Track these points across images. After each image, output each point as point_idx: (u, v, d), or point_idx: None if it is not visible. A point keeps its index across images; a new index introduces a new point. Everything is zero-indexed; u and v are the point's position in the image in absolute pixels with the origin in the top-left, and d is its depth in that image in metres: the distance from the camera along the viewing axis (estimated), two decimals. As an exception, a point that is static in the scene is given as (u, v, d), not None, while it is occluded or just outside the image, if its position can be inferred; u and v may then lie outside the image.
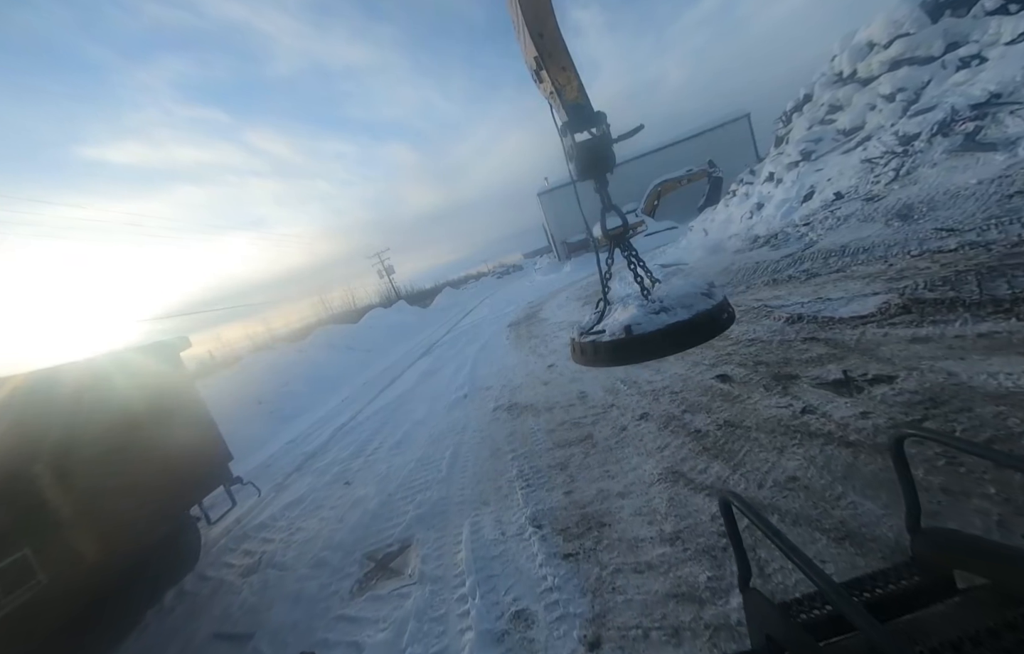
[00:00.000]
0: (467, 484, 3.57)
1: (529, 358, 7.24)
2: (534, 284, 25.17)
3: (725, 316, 1.77)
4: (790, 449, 2.64)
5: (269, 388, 11.68)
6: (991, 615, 0.53)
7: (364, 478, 4.47)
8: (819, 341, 4.01)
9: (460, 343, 11.79)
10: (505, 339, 9.92)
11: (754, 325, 5.02)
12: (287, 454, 6.64)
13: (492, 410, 5.21)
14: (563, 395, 4.90)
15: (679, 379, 4.23)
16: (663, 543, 2.25)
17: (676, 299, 1.76)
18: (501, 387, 6.07)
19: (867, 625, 0.43)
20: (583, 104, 1.85)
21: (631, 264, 2.07)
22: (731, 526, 0.72)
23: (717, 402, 3.54)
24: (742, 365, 4.07)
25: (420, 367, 10.16)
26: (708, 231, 13.56)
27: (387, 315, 23.64)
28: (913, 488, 0.69)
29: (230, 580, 3.33)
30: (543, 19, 1.63)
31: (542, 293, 18.20)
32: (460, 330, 15.13)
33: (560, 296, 14.91)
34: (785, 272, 6.81)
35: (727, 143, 29.54)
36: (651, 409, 3.80)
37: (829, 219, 8.31)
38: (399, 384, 9.02)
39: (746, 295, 6.42)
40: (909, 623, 0.61)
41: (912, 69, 9.73)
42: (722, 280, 7.92)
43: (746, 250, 9.43)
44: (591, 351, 1.86)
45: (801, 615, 0.66)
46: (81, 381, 3.00)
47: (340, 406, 9.11)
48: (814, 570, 0.50)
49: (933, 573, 0.66)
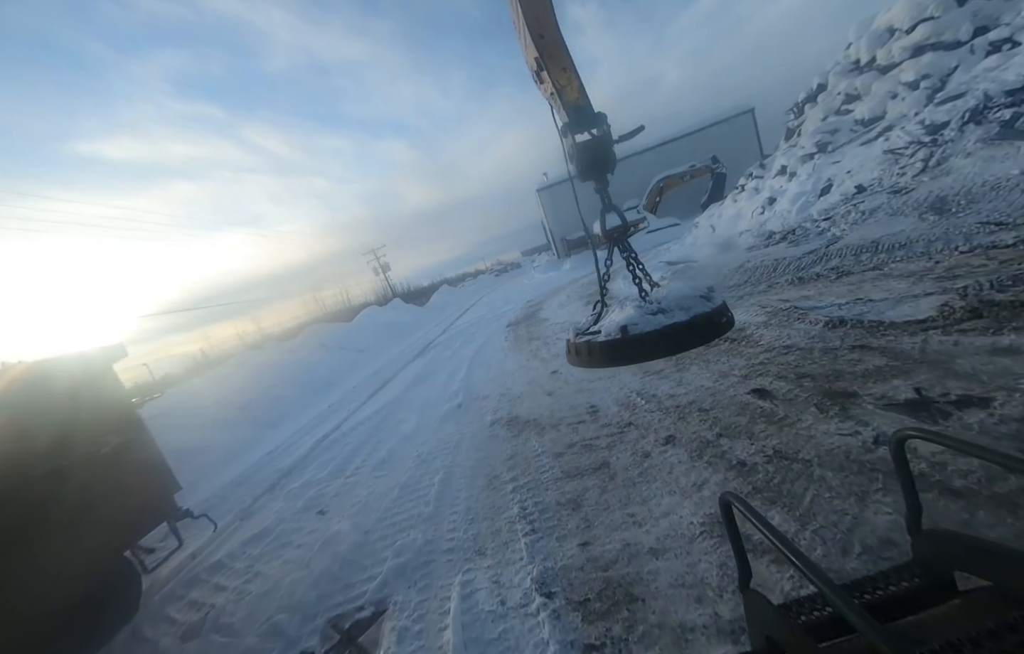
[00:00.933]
0: (458, 523, 2.96)
1: (530, 363, 6.63)
2: (533, 282, 24.56)
3: (724, 320, 1.70)
4: (873, 497, 2.04)
5: (254, 391, 11.04)
6: (992, 617, 0.51)
7: (340, 507, 3.85)
8: (872, 350, 3.42)
9: (456, 344, 11.18)
10: (503, 340, 9.31)
11: (786, 329, 4.42)
12: (262, 469, 6.01)
13: (489, 424, 4.60)
14: (570, 409, 4.29)
15: (707, 393, 3.63)
16: (722, 638, 1.65)
17: (674, 301, 1.70)
18: (499, 396, 5.46)
19: (867, 627, 0.43)
20: (584, 105, 1.80)
21: (629, 265, 2.02)
22: (731, 527, 0.73)
23: (759, 425, 2.95)
24: (782, 378, 3.48)
25: (413, 370, 9.54)
26: (716, 227, 12.97)
27: (382, 314, 22.99)
28: (914, 489, 0.68)
29: (166, 646, 2.71)
30: (544, 20, 1.58)
31: (541, 291, 17.60)
32: (456, 330, 14.51)
33: (561, 295, 14.31)
34: (810, 270, 6.22)
35: (730, 139, 28.91)
36: (678, 431, 3.20)
37: (852, 213, 7.73)
38: (389, 389, 8.41)
39: (770, 295, 5.83)
40: (910, 625, 0.60)
41: (937, 55, 9.15)
42: (738, 278, 7.34)
43: (761, 246, 8.84)
44: (586, 352, 1.81)
45: (801, 616, 0.66)
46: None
47: (326, 412, 8.48)
48: (815, 572, 0.50)
49: (934, 575, 0.66)
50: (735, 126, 29.91)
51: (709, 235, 12.88)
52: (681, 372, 4.26)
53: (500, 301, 19.52)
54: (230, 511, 4.68)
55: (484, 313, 16.85)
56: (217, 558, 3.62)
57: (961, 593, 0.63)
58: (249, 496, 4.98)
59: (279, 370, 13.22)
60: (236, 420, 9.22)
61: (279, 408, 9.72)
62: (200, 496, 5.75)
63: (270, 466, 6.03)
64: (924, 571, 0.67)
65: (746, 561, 0.74)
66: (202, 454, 7.63)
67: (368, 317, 22.12)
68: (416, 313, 26.00)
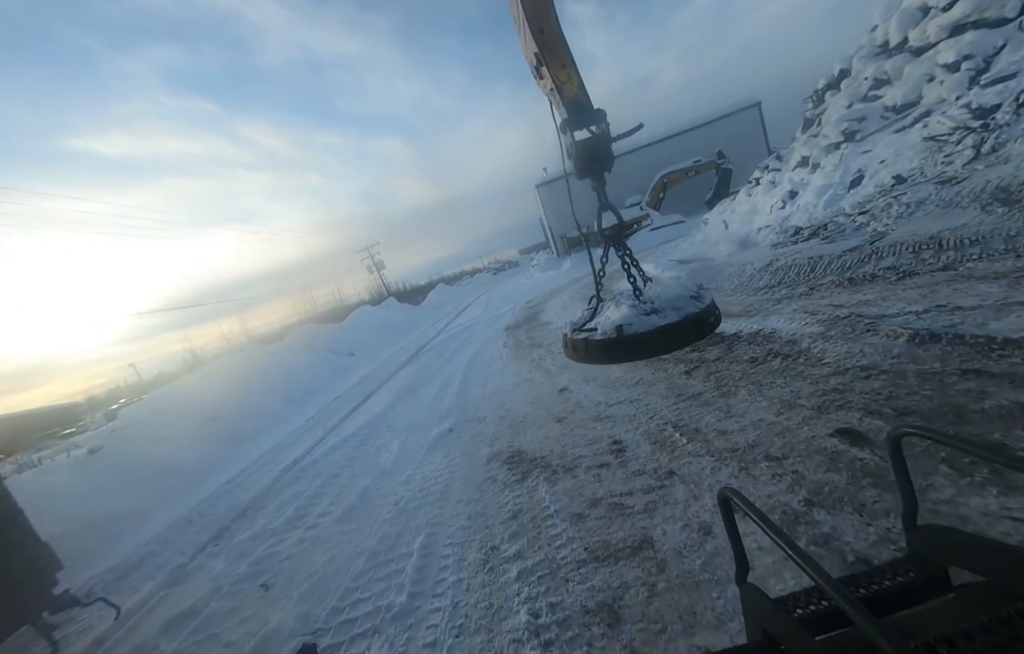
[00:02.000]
0: (441, 633, 2.08)
1: (533, 375, 5.76)
2: (532, 281, 23.67)
3: (712, 319, 1.71)
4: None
5: (229, 400, 10.10)
6: (986, 611, 0.51)
7: (290, 580, 2.95)
8: (996, 377, 2.56)
9: (450, 349, 10.29)
10: (502, 346, 8.43)
11: (855, 344, 3.55)
12: (216, 504, 5.11)
13: (486, 461, 3.72)
14: (588, 443, 3.42)
15: (771, 432, 2.76)
16: None
17: (667, 301, 1.72)
18: (499, 420, 4.58)
19: (862, 619, 0.43)
20: (583, 101, 1.77)
21: (625, 264, 1.96)
22: (729, 521, 0.72)
23: (867, 489, 2.08)
24: (873, 413, 2.61)
25: (402, 379, 8.64)
26: (729, 224, 12.13)
27: (375, 313, 22.04)
28: (910, 485, 0.69)
29: None
30: (544, 17, 1.56)
31: (541, 291, 16.72)
32: (451, 332, 13.61)
33: (563, 295, 13.44)
34: (859, 269, 5.37)
35: (736, 133, 28.03)
36: (745, 491, 2.33)
37: (894, 206, 6.89)
38: (375, 402, 7.51)
39: (816, 299, 4.97)
40: (904, 618, 0.60)
41: (980, 33, 8.31)
42: (767, 279, 6.48)
43: (787, 244, 7.99)
44: (583, 349, 1.84)
45: (797, 610, 0.65)
46: None
47: (303, 428, 7.57)
48: (811, 565, 0.51)
49: (929, 569, 0.66)
50: (740, 120, 29.02)
51: (721, 232, 12.06)
52: (726, 397, 3.39)
53: (498, 301, 18.61)
54: (160, 570, 3.77)
55: (481, 314, 15.96)
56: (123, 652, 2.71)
57: (955, 588, 0.63)
58: (190, 546, 4.07)
59: (260, 375, 12.28)
60: (205, 433, 8.30)
61: (254, 420, 8.80)
62: (143, 537, 4.85)
63: (225, 500, 5.13)
64: (919, 566, 0.67)
65: (744, 555, 0.73)
66: (161, 476, 6.72)
67: (360, 317, 21.18)
68: (411, 313, 25.06)
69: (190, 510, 5.19)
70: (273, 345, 16.49)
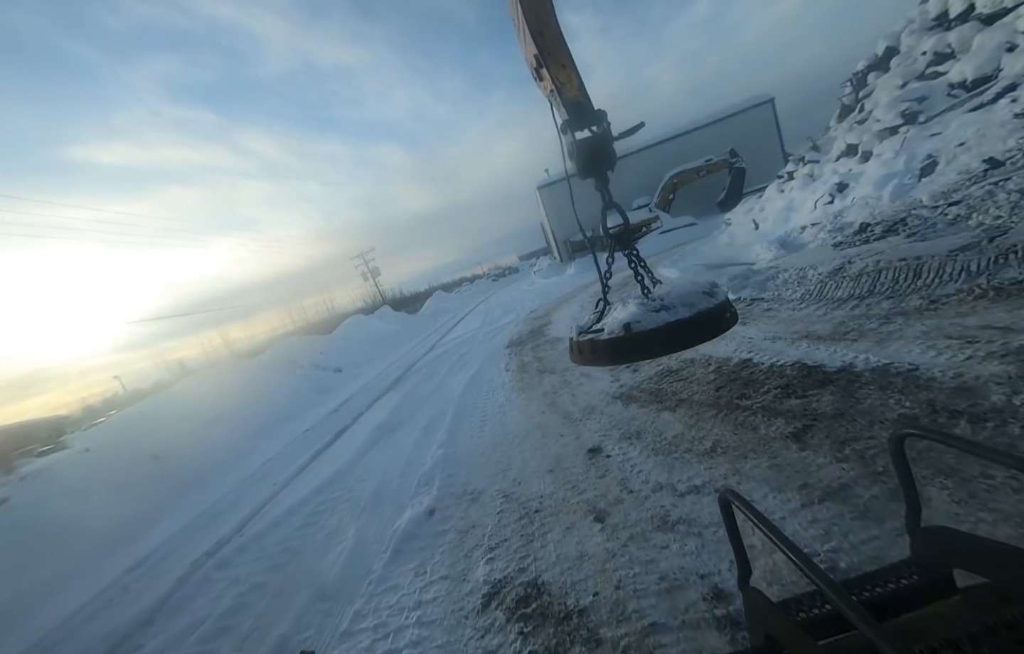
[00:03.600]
0: None
1: (548, 419, 4.26)
2: (534, 288, 22.23)
3: (728, 315, 1.58)
4: None
5: (180, 430, 8.58)
6: (990, 614, 0.50)
7: None
8: None
9: (442, 368, 8.79)
10: (504, 370, 6.93)
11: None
12: (97, 616, 3.57)
13: (479, 607, 2.21)
14: (661, 588, 1.91)
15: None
16: None
17: (677, 298, 1.59)
18: (501, 501, 3.08)
19: (865, 624, 0.42)
20: (583, 102, 1.71)
21: (632, 263, 1.80)
22: (731, 525, 0.70)
23: None
24: None
25: (383, 409, 7.13)
26: (760, 223, 10.69)
27: (367, 323, 20.52)
28: (914, 487, 0.68)
29: None
30: (543, 17, 1.52)
31: (546, 300, 15.23)
32: (446, 347, 12.11)
33: (571, 304, 11.97)
34: (1000, 275, 3.88)
35: (747, 131, 26.60)
36: None
37: (999, 194, 5.44)
38: (345, 444, 6.00)
39: (955, 318, 3.47)
40: (908, 622, 0.58)
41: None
42: (850, 288, 5.00)
43: (854, 243, 6.52)
44: (589, 350, 1.68)
45: (800, 614, 0.65)
46: None
47: (252, 479, 6.04)
48: (814, 570, 0.50)
49: (932, 572, 0.65)
50: (752, 118, 27.56)
51: (751, 233, 10.62)
52: (898, 500, 1.90)
53: (498, 310, 17.11)
54: None
55: (479, 325, 14.46)
56: None
57: (959, 590, 0.62)
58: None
59: (228, 398, 10.77)
60: (140, 480, 6.76)
61: (201, 460, 7.27)
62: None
63: (112, 609, 3.60)
64: (923, 568, 0.66)
65: (746, 559, 0.72)
66: (63, 547, 5.21)
67: (351, 328, 19.68)
68: (405, 322, 23.55)
69: (60, 620, 3.66)
70: (253, 360, 14.97)
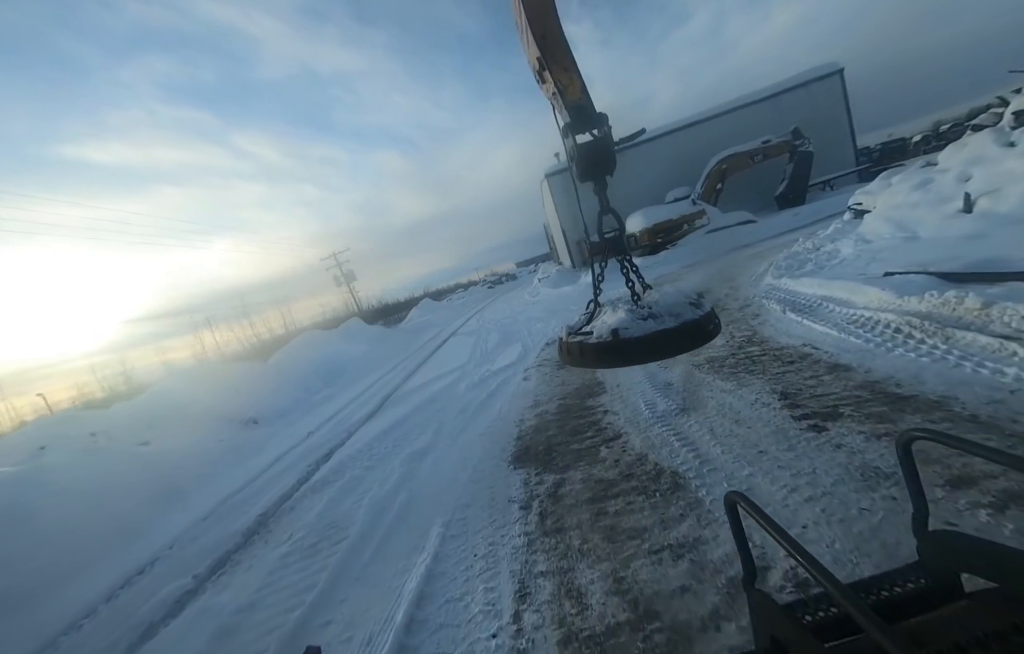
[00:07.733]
0: None
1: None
2: (539, 301, 17.44)
3: (711, 327, 1.68)
4: None
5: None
6: (998, 618, 0.50)
7: None
8: None
9: (402, 450, 3.98)
10: (516, 493, 2.15)
11: None
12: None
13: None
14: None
15: None
16: None
17: (665, 307, 1.70)
18: None
19: (873, 626, 0.42)
20: (585, 105, 1.78)
21: (623, 268, 1.89)
22: (736, 526, 0.71)
23: None
24: None
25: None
26: (916, 229, 6.01)
27: (319, 345, 15.52)
28: (921, 491, 0.68)
29: None
30: (546, 20, 1.58)
31: (562, 319, 10.48)
32: (418, 395, 7.28)
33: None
34: None
35: (807, 108, 22.01)
36: None
37: None
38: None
39: None
40: (916, 626, 0.58)
41: None
42: None
43: None
44: (578, 352, 1.78)
45: (807, 616, 0.65)
46: None
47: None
48: (821, 572, 0.49)
49: (940, 576, 0.65)
50: (815, 92, 22.98)
51: (903, 239, 6.06)
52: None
53: (495, 335, 12.24)
54: None
55: (465, 361, 9.62)
56: None
57: (967, 595, 0.62)
58: None
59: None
60: None
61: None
62: None
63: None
64: (930, 572, 0.66)
65: (751, 561, 0.73)
66: None
67: (294, 350, 14.76)
68: (376, 340, 18.55)
69: None
70: (124, 404, 10.01)
